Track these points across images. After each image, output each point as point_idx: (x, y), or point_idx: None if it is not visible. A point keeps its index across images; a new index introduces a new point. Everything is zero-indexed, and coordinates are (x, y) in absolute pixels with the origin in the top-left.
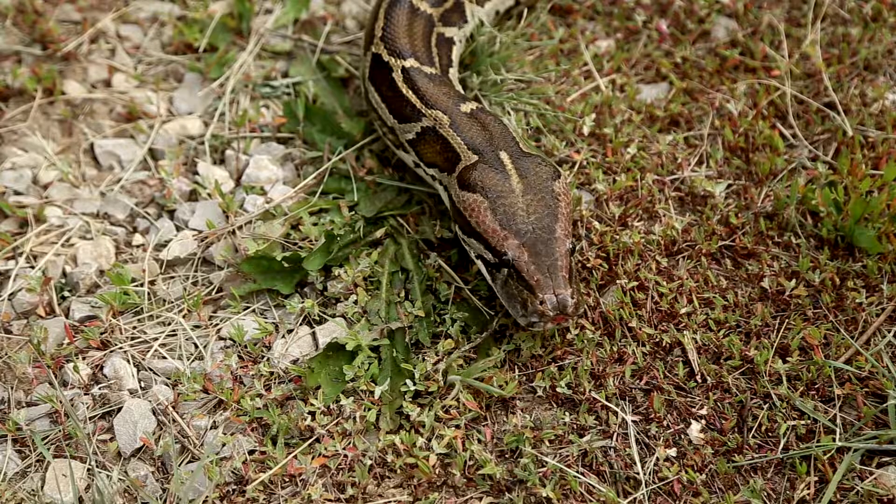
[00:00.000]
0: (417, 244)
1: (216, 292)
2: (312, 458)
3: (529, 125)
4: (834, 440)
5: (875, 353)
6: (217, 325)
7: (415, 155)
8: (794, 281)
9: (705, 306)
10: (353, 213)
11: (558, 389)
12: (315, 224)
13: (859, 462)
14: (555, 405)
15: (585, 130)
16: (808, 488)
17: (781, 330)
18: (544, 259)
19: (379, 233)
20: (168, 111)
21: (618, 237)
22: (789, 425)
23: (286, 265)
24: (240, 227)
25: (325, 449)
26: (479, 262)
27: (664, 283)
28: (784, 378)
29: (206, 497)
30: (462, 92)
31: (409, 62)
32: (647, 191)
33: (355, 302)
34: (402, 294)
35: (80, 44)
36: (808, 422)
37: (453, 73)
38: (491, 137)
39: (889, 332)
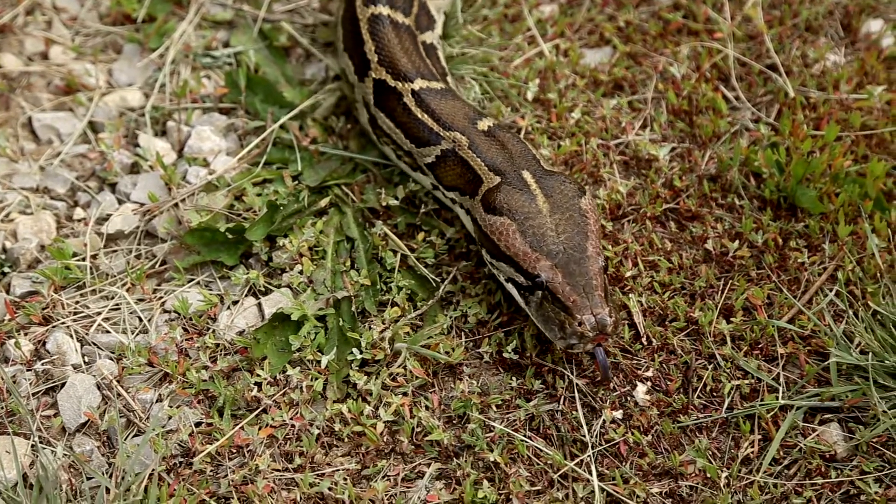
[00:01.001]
0: (362, 213)
1: (160, 265)
2: (259, 429)
3: (478, 93)
4: (777, 398)
5: (817, 311)
6: (161, 298)
7: (433, 178)
8: (737, 242)
9: (650, 269)
10: (298, 182)
11: (505, 354)
12: (259, 195)
13: (802, 419)
14: (502, 370)
15: (530, 96)
16: (752, 446)
17: (725, 291)
18: (578, 279)
19: (323, 202)
20: (107, 83)
21: None
22: (733, 385)
23: (230, 236)
24: (183, 200)
25: (272, 419)
26: (509, 286)
27: (609, 246)
28: (728, 338)
29: (153, 470)
30: (471, 103)
31: (418, 83)
32: (591, 155)
33: (301, 272)
34: (348, 263)
35: (15, 16)
36: (752, 381)
37: (451, 80)
38: (511, 157)
39: (831, 290)
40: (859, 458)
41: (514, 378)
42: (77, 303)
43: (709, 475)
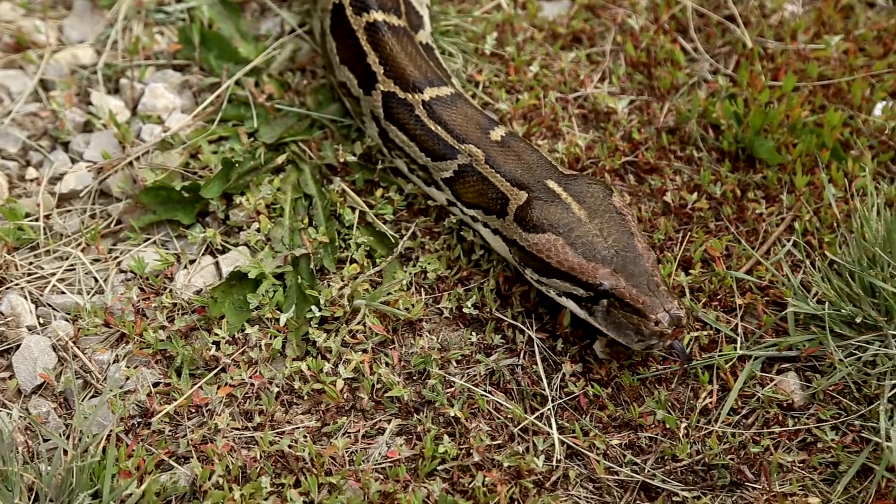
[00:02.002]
0: (320, 169)
1: (115, 225)
2: (218, 388)
3: (461, 64)
4: (735, 349)
5: (775, 262)
6: (117, 257)
7: (451, 194)
8: (695, 194)
9: None
10: (254, 139)
11: (465, 310)
12: (215, 152)
13: (760, 369)
14: (461, 326)
15: (487, 50)
16: (711, 396)
17: (684, 243)
18: (640, 279)
19: (280, 159)
20: (58, 40)
21: None
22: (692, 336)
23: (186, 195)
24: (137, 158)
25: (231, 378)
26: (564, 300)
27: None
28: (687, 290)
29: (111, 431)
30: (482, 109)
31: (427, 93)
32: (550, 109)
33: (258, 230)
34: (306, 220)
35: None
36: (711, 332)
37: (456, 81)
38: (530, 167)
39: (788, 241)
40: (816, 407)
41: (473, 333)
42: (31, 264)
43: (668, 426)
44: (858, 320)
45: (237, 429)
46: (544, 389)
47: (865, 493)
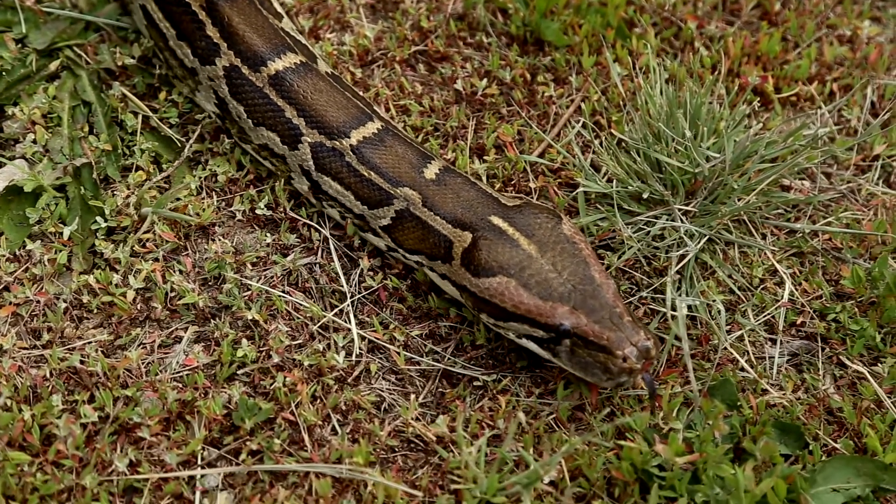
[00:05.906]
0: (98, 75)
1: None
2: (1, 308)
3: None
4: None
5: (565, 144)
6: None
7: (390, 240)
8: (486, 80)
9: (402, 114)
10: (23, 46)
11: (258, 211)
12: None
13: None
14: (256, 227)
15: None
16: None
17: (477, 130)
18: (602, 313)
19: (54, 65)
20: None
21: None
22: None
23: None
24: None
25: (15, 297)
26: (524, 342)
27: (360, 93)
28: (484, 177)
29: None
30: (411, 141)
31: (354, 137)
32: (336, 0)
33: (34, 141)
34: (86, 128)
35: None
36: None
37: (377, 108)
38: (470, 205)
39: (578, 122)
40: None
41: (268, 234)
42: None
43: (466, 315)
44: (646, 196)
45: (25, 348)
46: (342, 286)
47: (657, 362)
